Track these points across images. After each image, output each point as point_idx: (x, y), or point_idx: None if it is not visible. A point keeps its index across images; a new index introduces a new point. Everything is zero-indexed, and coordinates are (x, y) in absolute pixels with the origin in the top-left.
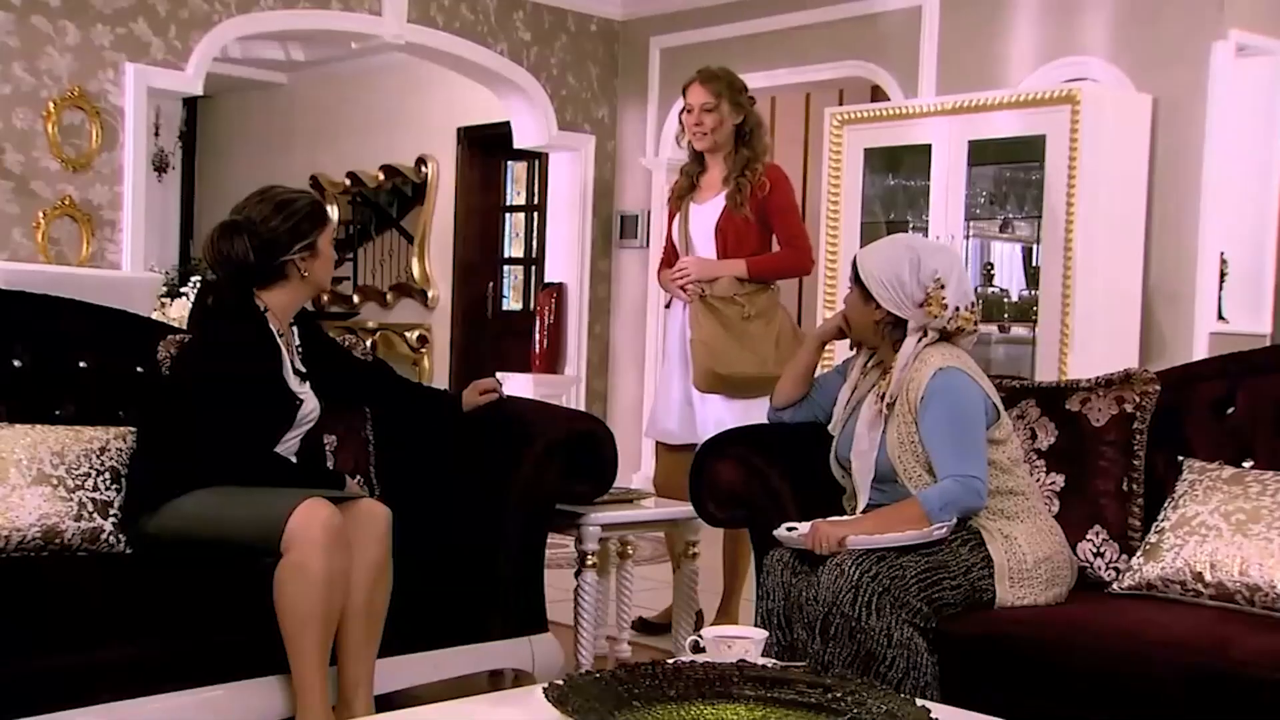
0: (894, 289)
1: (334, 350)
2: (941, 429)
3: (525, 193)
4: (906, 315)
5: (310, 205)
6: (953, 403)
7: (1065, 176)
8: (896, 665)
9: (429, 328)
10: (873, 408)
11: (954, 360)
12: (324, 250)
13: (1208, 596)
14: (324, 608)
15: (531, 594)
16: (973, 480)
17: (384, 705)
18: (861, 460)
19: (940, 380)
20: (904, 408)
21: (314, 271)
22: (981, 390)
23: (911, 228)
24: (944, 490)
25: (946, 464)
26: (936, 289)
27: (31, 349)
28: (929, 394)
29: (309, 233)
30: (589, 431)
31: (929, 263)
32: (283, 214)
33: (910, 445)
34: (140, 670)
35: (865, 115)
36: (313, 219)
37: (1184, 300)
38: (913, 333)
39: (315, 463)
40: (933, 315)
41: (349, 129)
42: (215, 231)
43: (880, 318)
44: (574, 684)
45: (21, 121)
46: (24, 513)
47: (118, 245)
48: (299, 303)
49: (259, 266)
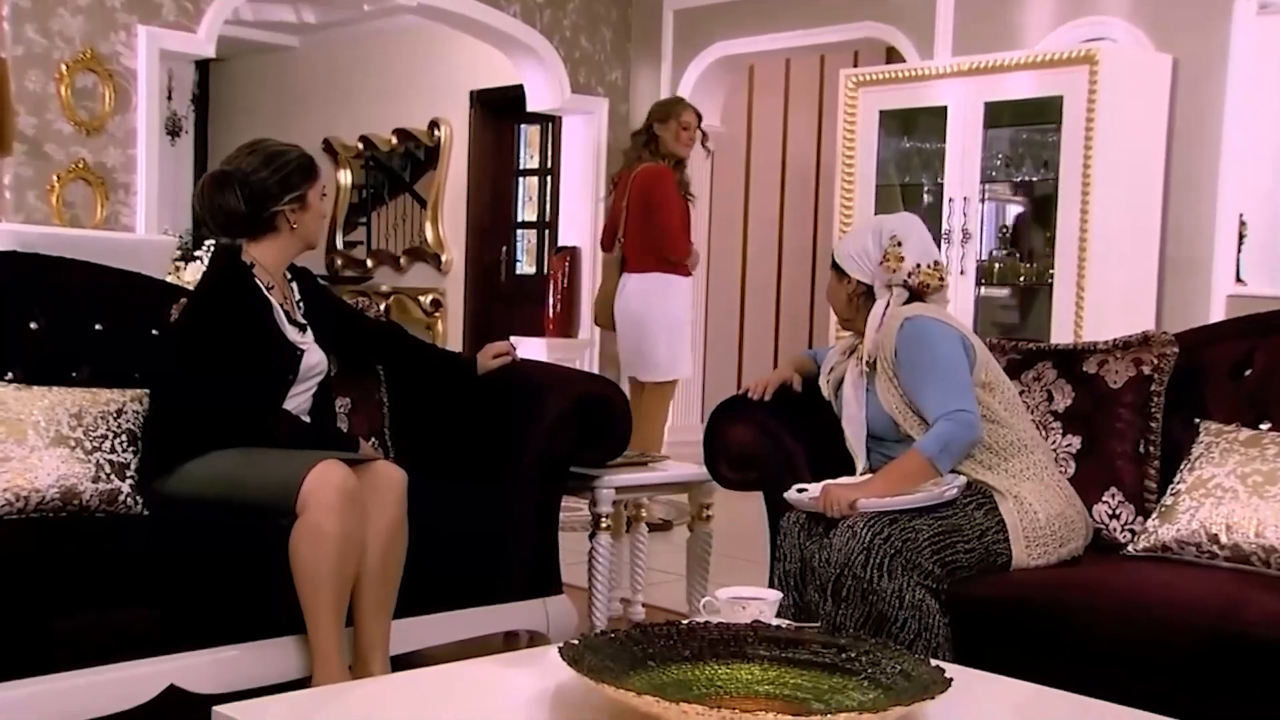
0: (860, 258)
1: (340, 307)
2: (920, 374)
3: (538, 156)
4: (870, 278)
5: (300, 158)
6: (924, 347)
7: (1082, 138)
8: (908, 627)
9: (442, 292)
10: (854, 370)
11: (919, 310)
12: (313, 203)
13: (1223, 558)
14: (339, 569)
15: (546, 555)
16: (962, 414)
17: (400, 666)
18: (852, 423)
19: (909, 329)
20: (883, 365)
21: (303, 224)
22: (954, 330)
23: (926, 191)
24: (938, 433)
25: (933, 406)
26: (893, 245)
27: (48, 311)
28: (900, 345)
29: (299, 184)
30: (603, 395)
31: (888, 227)
32: (273, 165)
33: (899, 399)
34: (158, 630)
35: (880, 77)
36: (303, 171)
37: (1201, 263)
38: (880, 294)
39: (326, 423)
40: (891, 270)
41: (361, 92)
42: (205, 182)
43: (852, 289)
44: (589, 644)
45: (34, 84)
46: (43, 474)
47: (132, 209)
48: (289, 257)
49: (248, 217)
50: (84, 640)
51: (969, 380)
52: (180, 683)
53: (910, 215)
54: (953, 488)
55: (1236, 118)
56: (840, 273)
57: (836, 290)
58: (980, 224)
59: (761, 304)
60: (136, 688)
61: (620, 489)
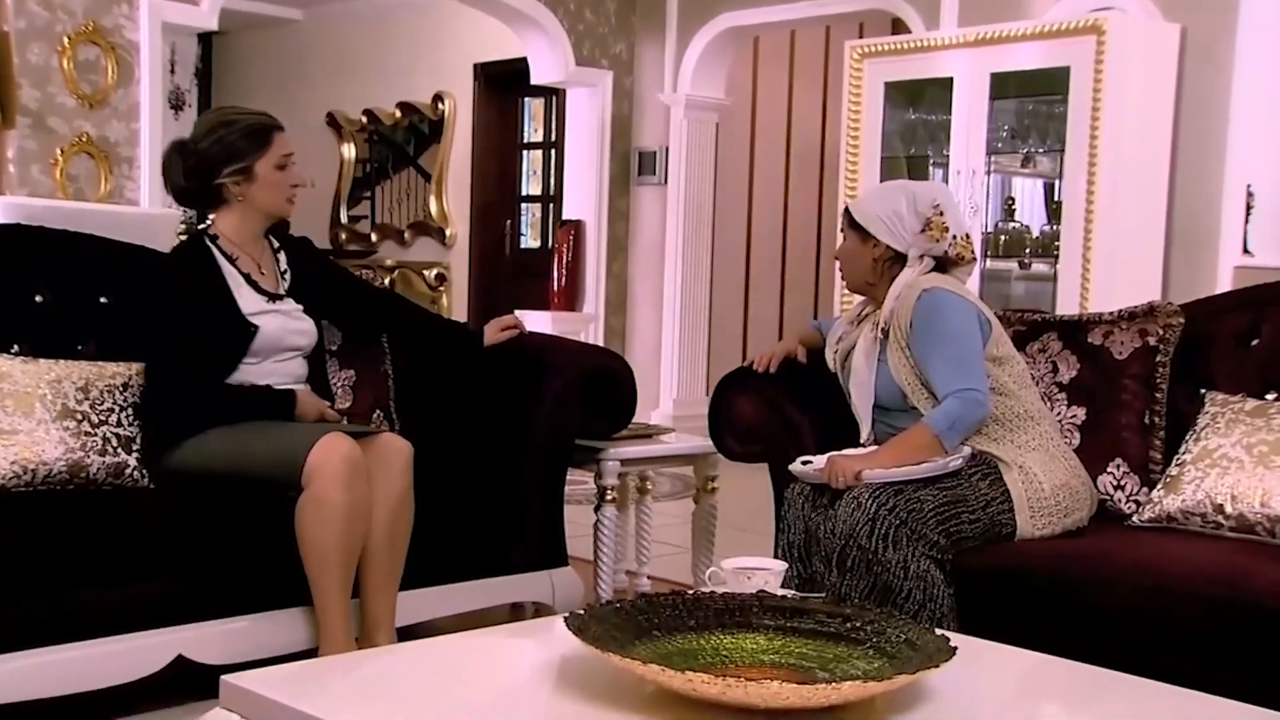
0: (892, 222)
1: (341, 276)
2: (933, 348)
3: (543, 130)
4: (906, 245)
5: (247, 127)
6: (941, 321)
7: (1089, 109)
8: (913, 597)
9: (447, 266)
10: (868, 336)
11: (938, 282)
12: (262, 174)
13: (1228, 529)
14: (345, 541)
15: (552, 527)
16: (972, 393)
17: (406, 637)
18: (860, 390)
19: (926, 301)
20: (896, 334)
21: (250, 196)
22: (971, 305)
23: (932, 163)
24: (947, 409)
25: (944, 382)
26: (937, 214)
27: (53, 285)
28: (916, 316)
29: (243, 154)
30: (609, 367)
31: (925, 195)
32: (217, 134)
33: (910, 370)
34: (166, 601)
35: (886, 48)
36: (249, 140)
37: (1208, 235)
38: (913, 262)
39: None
40: (934, 239)
41: (365, 66)
42: (164, 152)
43: (880, 254)
44: (595, 613)
45: (36, 57)
46: (49, 447)
47: (135, 182)
48: (251, 227)
49: (193, 190)
50: (93, 611)
51: (980, 357)
52: (188, 653)
53: (943, 184)
54: (958, 458)
55: (1245, 88)
56: (864, 235)
57: (859, 254)
58: (986, 196)
59: (767, 277)
60: (145, 658)
61: (626, 461)
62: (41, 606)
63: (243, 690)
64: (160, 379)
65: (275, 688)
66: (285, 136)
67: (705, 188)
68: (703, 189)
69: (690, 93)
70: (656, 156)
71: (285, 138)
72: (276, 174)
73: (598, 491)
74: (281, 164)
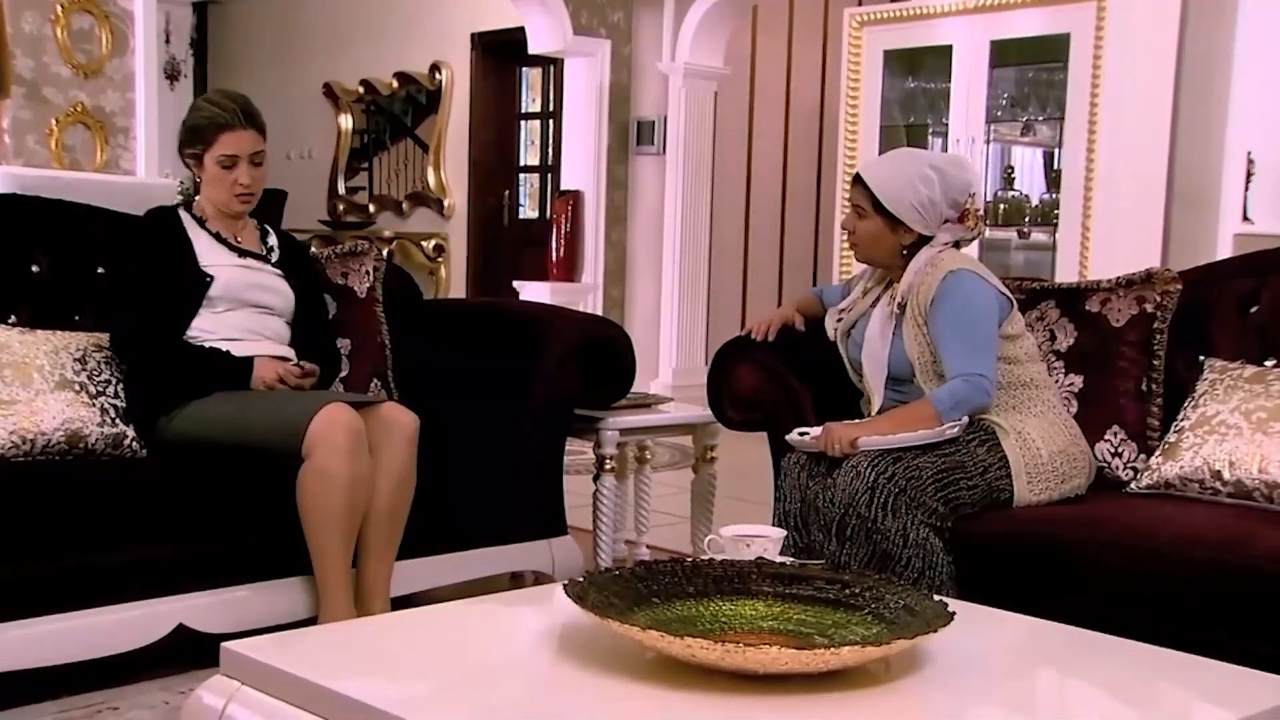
0: (925, 211)
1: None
2: (950, 329)
3: (540, 99)
4: (937, 232)
5: (198, 120)
6: (963, 303)
7: (1089, 77)
8: (912, 565)
9: (445, 236)
10: (884, 308)
11: (964, 263)
12: (208, 167)
13: (1226, 495)
14: (346, 511)
15: (551, 496)
16: (980, 379)
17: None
18: (874, 362)
19: (951, 281)
20: (914, 310)
21: (204, 182)
22: (992, 288)
23: (931, 132)
24: (953, 390)
25: (955, 363)
26: (972, 204)
27: (50, 255)
28: (939, 295)
29: (192, 144)
30: (607, 337)
31: (956, 178)
32: (187, 115)
33: (924, 346)
34: (167, 570)
35: (885, 16)
36: (194, 132)
37: (1209, 202)
38: (937, 245)
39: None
40: (970, 229)
41: (362, 36)
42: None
43: (911, 241)
44: (594, 580)
45: (30, 25)
46: (48, 417)
47: (131, 153)
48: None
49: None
50: (94, 580)
51: (994, 347)
52: (189, 622)
53: (962, 158)
54: (954, 425)
55: (1246, 54)
56: (893, 222)
57: (884, 239)
58: (985, 164)
59: (766, 245)
60: (146, 626)
61: (625, 431)
62: (42, 575)
63: (243, 657)
64: (118, 343)
65: (275, 655)
66: (239, 136)
67: (704, 157)
68: (701, 158)
69: (689, 61)
70: (655, 126)
71: (238, 138)
72: (219, 171)
73: (597, 461)
74: (225, 163)
